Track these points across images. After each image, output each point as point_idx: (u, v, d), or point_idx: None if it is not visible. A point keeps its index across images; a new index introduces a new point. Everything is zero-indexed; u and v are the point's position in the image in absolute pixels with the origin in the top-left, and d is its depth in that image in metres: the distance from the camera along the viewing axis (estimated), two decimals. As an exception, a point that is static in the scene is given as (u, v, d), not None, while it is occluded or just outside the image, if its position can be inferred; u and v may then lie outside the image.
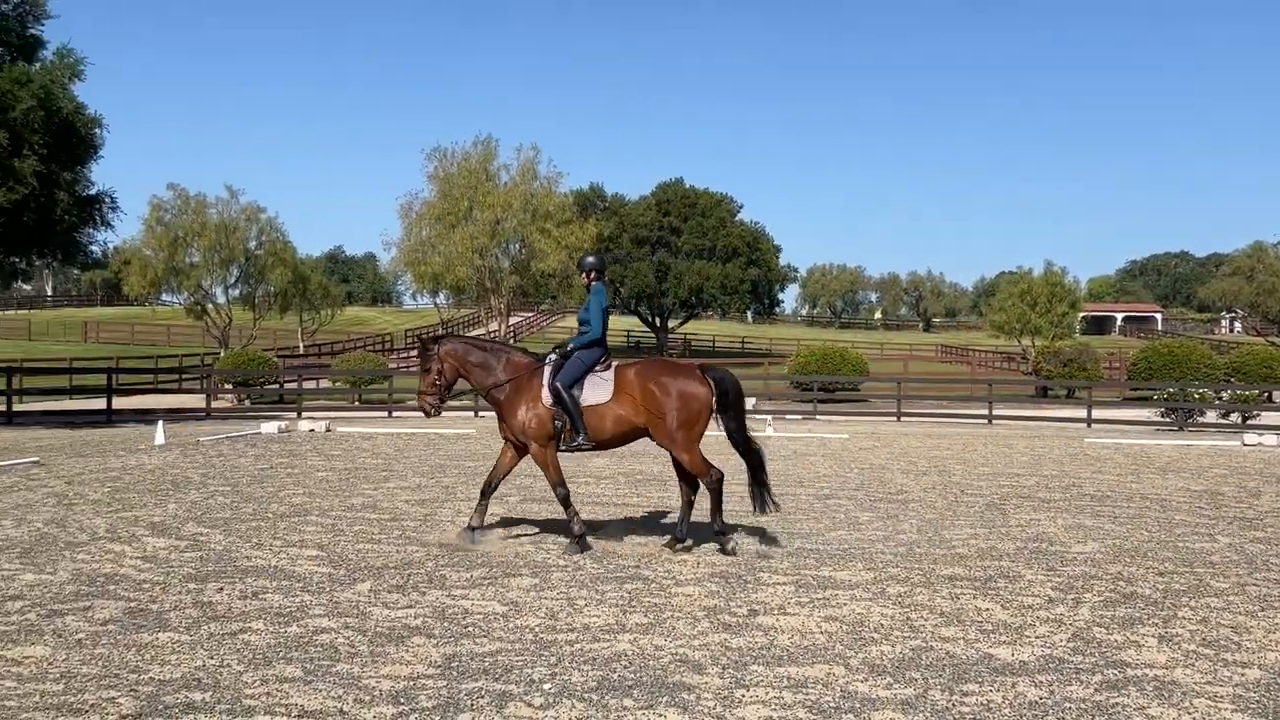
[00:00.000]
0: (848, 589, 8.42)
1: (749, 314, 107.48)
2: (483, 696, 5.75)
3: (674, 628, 7.19)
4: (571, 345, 10.09)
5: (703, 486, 10.06)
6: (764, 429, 26.22)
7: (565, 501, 10.07)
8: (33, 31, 28.14)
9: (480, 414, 31.66)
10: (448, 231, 48.11)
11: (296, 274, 57.23)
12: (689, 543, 10.10)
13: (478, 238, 47.75)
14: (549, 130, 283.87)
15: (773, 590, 8.33)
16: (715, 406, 9.96)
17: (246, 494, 13.75)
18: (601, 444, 10.02)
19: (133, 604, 7.70)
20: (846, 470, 17.30)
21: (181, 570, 8.92)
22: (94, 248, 30.31)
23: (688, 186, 79.98)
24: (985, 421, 31.15)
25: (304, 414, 32.19)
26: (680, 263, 75.45)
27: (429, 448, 21.26)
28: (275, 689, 5.84)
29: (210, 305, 54.55)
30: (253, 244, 55.15)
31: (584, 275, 10.53)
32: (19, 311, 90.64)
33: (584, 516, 10.79)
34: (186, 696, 5.70)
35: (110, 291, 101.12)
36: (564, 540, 10.14)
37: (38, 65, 27.16)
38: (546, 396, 9.90)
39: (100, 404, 32.25)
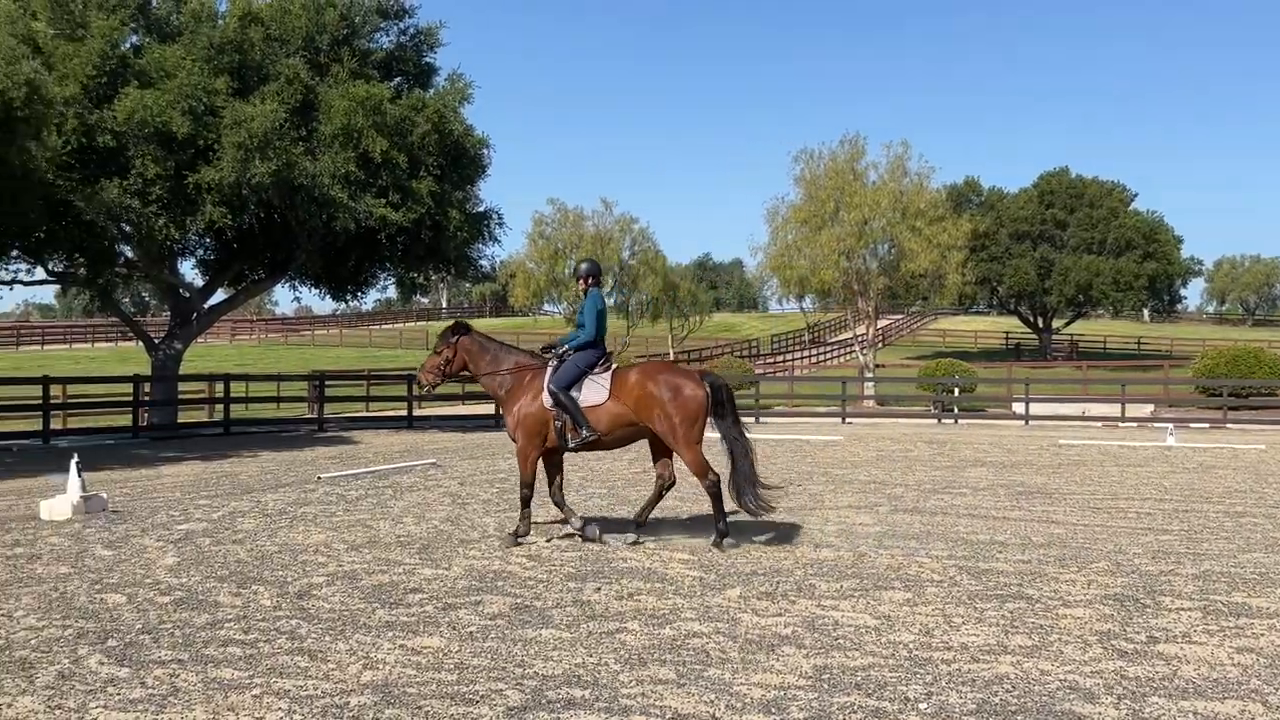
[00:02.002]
0: (1265, 618, 7.51)
1: (1145, 312, 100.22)
2: (855, 712, 5.55)
3: (1062, 652, 6.68)
4: (566, 347, 10.54)
5: (703, 488, 10.43)
6: (1164, 438, 24.24)
7: (524, 502, 10.57)
8: (427, 60, 30.67)
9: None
10: (813, 234, 47.87)
11: (667, 282, 59.12)
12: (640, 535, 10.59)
13: (844, 239, 47.21)
14: (921, 125, 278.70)
15: (1175, 616, 7.57)
16: (711, 410, 10.37)
17: (621, 497, 14.18)
18: (602, 442, 10.41)
19: (519, 600, 8.08)
20: (1263, 485, 15.64)
21: (562, 569, 9.28)
22: (483, 262, 32.35)
23: (1073, 176, 75.38)
24: None
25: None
26: (1066, 258, 71.13)
27: (795, 454, 21.20)
28: (650, 690, 5.90)
29: (588, 314, 57.28)
30: (626, 254, 57.53)
31: (579, 282, 10.90)
32: (418, 323, 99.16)
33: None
34: (568, 693, 5.86)
35: (498, 303, 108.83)
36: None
37: (431, 91, 29.52)
38: (546, 399, 10.35)
39: (489, 409, 34.57)
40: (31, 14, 25.37)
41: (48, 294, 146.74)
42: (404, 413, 31.48)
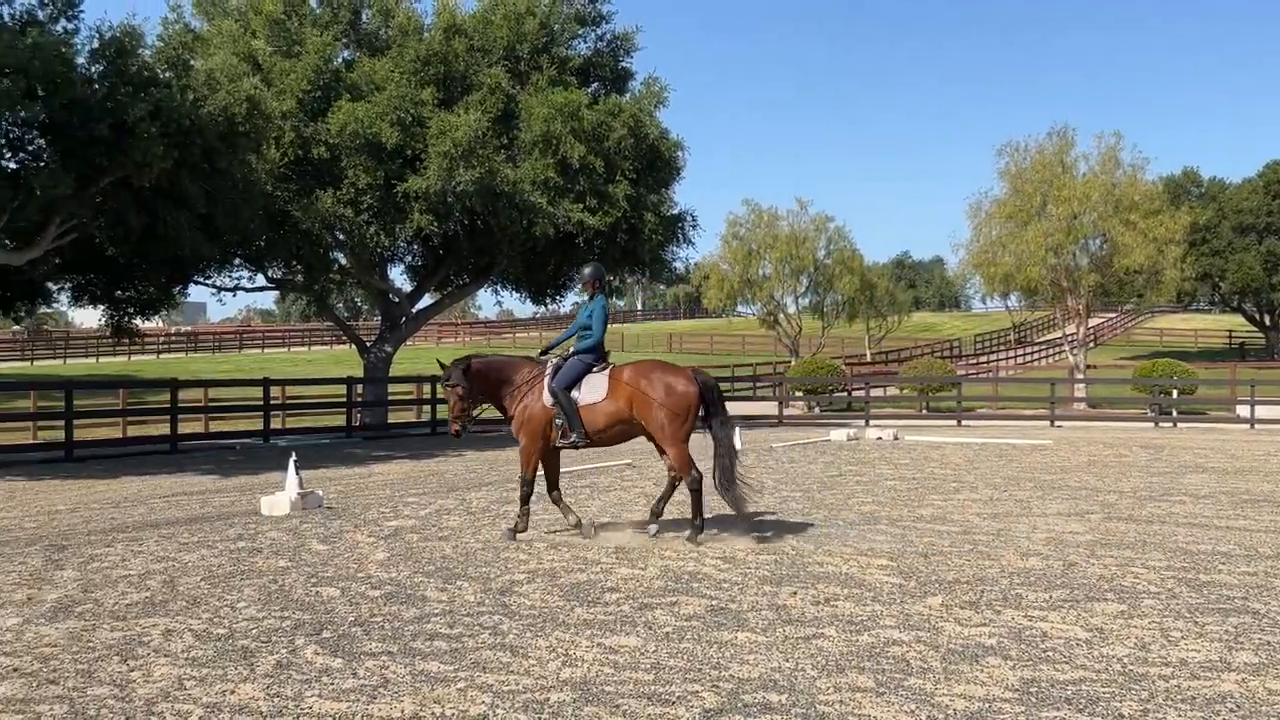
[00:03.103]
0: None
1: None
2: (1065, 729, 5.32)
3: (1293, 671, 6.25)
4: (573, 349, 10.92)
5: (684, 483, 10.77)
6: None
7: (524, 499, 10.92)
8: (623, 65, 31.06)
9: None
10: (1019, 230, 46.19)
11: (864, 281, 58.19)
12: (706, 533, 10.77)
13: (1052, 234, 45.36)
14: (1133, 118, 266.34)
15: None
16: (701, 408, 10.61)
17: (817, 500, 14.04)
18: (597, 439, 10.79)
19: (714, 602, 8.07)
20: None
21: (758, 572, 9.22)
22: (677, 264, 32.62)
23: (1304, 163, 70.45)
24: None
25: (871, 421, 32.52)
26: (1296, 252, 66.53)
27: (1001, 459, 20.53)
28: (848, 697, 5.80)
29: (781, 315, 56.95)
30: (821, 253, 56.88)
31: (587, 286, 11.24)
32: (613, 325, 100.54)
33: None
34: (764, 697, 5.81)
35: (691, 305, 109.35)
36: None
37: (627, 96, 29.86)
38: (546, 397, 10.69)
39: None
40: (251, 33, 26.99)
41: (268, 299, 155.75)
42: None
